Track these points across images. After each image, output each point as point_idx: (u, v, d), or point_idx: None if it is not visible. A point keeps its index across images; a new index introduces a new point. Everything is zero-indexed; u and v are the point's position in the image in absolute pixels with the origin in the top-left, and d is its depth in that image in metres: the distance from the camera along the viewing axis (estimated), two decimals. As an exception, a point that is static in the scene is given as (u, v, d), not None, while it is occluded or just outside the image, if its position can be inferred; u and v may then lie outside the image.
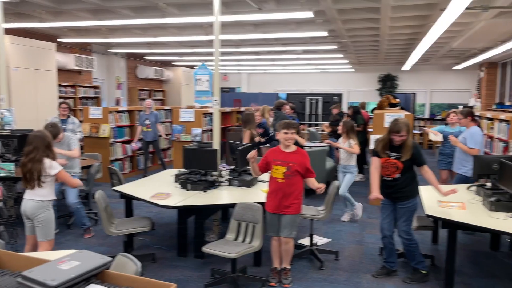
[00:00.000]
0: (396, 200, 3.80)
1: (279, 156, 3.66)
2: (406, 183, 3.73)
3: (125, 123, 8.71)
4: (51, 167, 3.43)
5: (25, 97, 8.14)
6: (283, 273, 3.80)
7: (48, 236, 3.52)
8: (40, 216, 3.47)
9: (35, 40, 8.66)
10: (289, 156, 3.65)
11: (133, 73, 13.76)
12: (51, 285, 1.52)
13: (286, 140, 3.66)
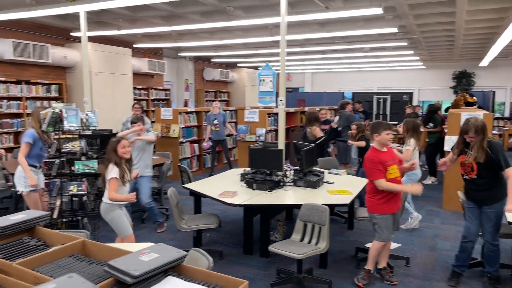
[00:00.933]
0: (481, 203, 3.59)
1: (385, 157, 3.63)
2: (487, 186, 3.50)
3: (193, 124, 9.07)
4: (110, 171, 3.60)
5: (104, 99, 8.79)
6: (387, 272, 3.83)
7: (122, 233, 3.72)
8: (107, 217, 3.70)
9: (114, 47, 9.33)
10: (391, 153, 3.71)
11: (200, 76, 14.27)
12: (134, 274, 1.63)
13: (388, 141, 3.65)
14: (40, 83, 8.29)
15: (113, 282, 1.68)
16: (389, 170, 3.58)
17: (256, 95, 6.43)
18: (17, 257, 2.01)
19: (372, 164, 3.58)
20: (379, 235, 3.68)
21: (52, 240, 2.27)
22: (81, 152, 4.07)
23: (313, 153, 5.00)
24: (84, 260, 2.00)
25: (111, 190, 3.56)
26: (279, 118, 5.04)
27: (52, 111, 3.89)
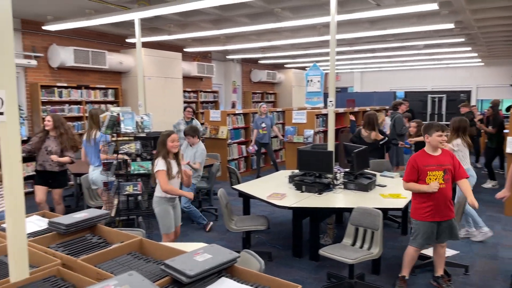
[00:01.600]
0: None
1: (430, 161, 3.45)
2: None
3: (240, 125, 9.16)
4: (157, 164, 3.74)
5: (156, 102, 9.11)
6: (444, 280, 3.65)
7: (163, 229, 3.81)
8: (155, 210, 3.82)
9: (165, 51, 9.66)
10: (441, 158, 3.47)
11: (247, 77, 14.40)
12: (189, 274, 1.66)
13: (440, 143, 3.47)
14: (98, 87, 8.77)
15: (169, 281, 1.73)
16: (430, 175, 3.40)
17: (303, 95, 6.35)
18: (80, 253, 2.13)
19: (409, 165, 3.49)
20: (413, 240, 3.54)
21: (111, 237, 2.38)
22: (136, 153, 4.24)
23: (365, 155, 4.87)
24: (142, 258, 2.08)
25: (162, 182, 3.66)
26: (329, 119, 4.95)
27: (111, 115, 4.09)
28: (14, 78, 1.69)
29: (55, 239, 2.31)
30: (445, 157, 3.50)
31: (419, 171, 3.43)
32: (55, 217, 2.61)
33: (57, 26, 7.16)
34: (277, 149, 10.13)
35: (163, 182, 3.65)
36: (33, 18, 7.50)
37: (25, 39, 7.64)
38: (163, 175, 3.65)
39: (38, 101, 7.64)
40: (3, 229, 2.46)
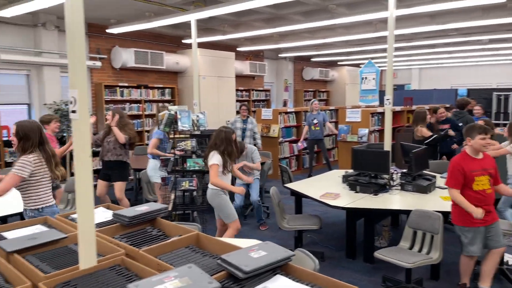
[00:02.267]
0: None
1: (475, 165, 3.26)
2: None
3: (292, 124, 9.13)
4: (211, 157, 3.84)
5: (210, 101, 9.32)
6: None
7: (228, 218, 3.94)
8: (214, 202, 3.93)
9: (219, 51, 9.86)
10: (484, 162, 3.28)
11: (299, 75, 14.31)
12: (245, 270, 1.69)
13: (484, 146, 3.26)
14: (156, 87, 9.14)
15: (226, 275, 1.76)
16: (477, 180, 3.19)
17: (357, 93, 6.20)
18: (142, 245, 2.24)
19: (454, 169, 3.25)
20: (464, 248, 3.31)
21: (170, 231, 2.47)
22: (192, 150, 4.37)
23: (424, 156, 4.66)
24: (199, 252, 2.14)
25: (212, 175, 3.78)
26: (386, 118, 4.79)
27: (169, 113, 4.25)
28: (85, 79, 1.81)
29: (119, 230, 2.44)
30: (488, 161, 3.31)
31: (465, 177, 3.23)
32: (119, 209, 2.77)
33: (119, 29, 7.56)
34: (330, 148, 9.97)
35: (213, 175, 3.78)
36: (98, 22, 7.97)
37: (91, 42, 8.14)
38: (216, 169, 3.79)
39: (102, 100, 8.12)
40: (72, 219, 2.65)
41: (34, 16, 7.12)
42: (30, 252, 2.08)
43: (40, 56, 7.24)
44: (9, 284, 1.79)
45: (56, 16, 7.29)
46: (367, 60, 6.89)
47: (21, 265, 1.87)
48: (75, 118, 1.77)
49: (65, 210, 4.59)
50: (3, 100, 6.77)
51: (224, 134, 3.88)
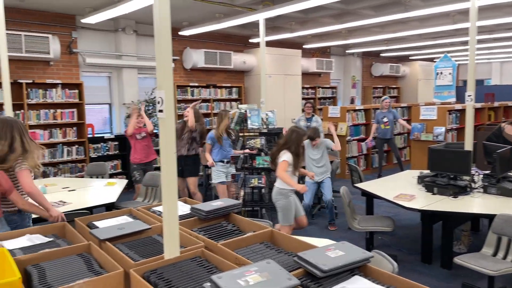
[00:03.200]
0: None
1: None
2: None
3: (360, 122, 8.88)
4: (283, 155, 3.82)
5: (276, 99, 9.38)
6: None
7: (284, 221, 3.91)
8: (278, 203, 3.92)
9: (285, 49, 9.88)
10: None
11: (368, 72, 13.86)
12: (323, 269, 1.68)
13: None
14: (223, 86, 9.40)
15: (303, 273, 1.77)
16: None
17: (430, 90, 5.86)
18: (218, 238, 2.32)
19: None
20: None
21: (244, 226, 2.54)
22: (261, 148, 4.44)
23: (509, 156, 4.29)
24: (273, 249, 2.17)
25: (280, 169, 3.78)
26: (467, 115, 4.48)
27: (239, 112, 4.35)
28: (171, 81, 1.92)
29: (196, 223, 2.56)
30: None
31: None
32: (195, 203, 2.90)
33: (191, 31, 7.88)
34: (401, 147, 9.55)
35: (282, 169, 3.79)
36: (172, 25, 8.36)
37: (164, 44, 8.57)
38: (286, 165, 3.80)
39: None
40: (154, 212, 2.82)
41: (115, 22, 7.66)
42: (119, 240, 2.25)
43: (120, 59, 7.78)
44: (102, 269, 1.95)
45: (134, 21, 7.78)
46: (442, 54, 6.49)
47: (113, 252, 2.03)
48: (162, 117, 1.88)
49: (143, 203, 4.90)
50: (88, 100, 7.39)
51: (296, 134, 3.88)
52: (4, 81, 4.16)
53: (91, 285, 1.72)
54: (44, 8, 6.78)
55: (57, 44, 6.75)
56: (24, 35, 6.33)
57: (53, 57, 6.70)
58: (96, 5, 6.48)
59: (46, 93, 6.81)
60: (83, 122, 7.15)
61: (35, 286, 1.76)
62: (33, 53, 6.45)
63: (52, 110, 6.89)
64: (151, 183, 5.02)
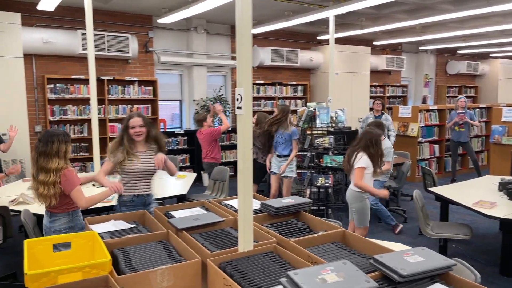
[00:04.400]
0: None
1: None
2: None
3: (434, 122, 8.41)
4: (359, 160, 3.70)
5: (343, 97, 9.18)
6: None
7: (361, 223, 3.82)
8: (355, 205, 3.82)
9: (354, 46, 9.63)
10: None
11: (442, 69, 13.06)
12: (402, 273, 1.63)
13: None
14: (289, 84, 9.40)
15: (379, 276, 1.73)
16: None
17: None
18: (289, 235, 2.33)
19: None
20: None
21: (314, 225, 2.53)
22: (328, 147, 4.38)
23: None
24: (346, 249, 2.14)
25: (357, 178, 3.69)
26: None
27: (308, 110, 4.33)
28: (250, 79, 1.96)
29: (266, 219, 2.60)
30: None
31: None
32: (264, 199, 2.94)
33: (259, 29, 7.96)
34: (478, 151, 8.90)
35: (358, 177, 3.68)
36: (240, 23, 8.51)
37: (233, 43, 8.76)
38: (362, 172, 3.70)
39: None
40: (225, 205, 2.90)
41: (188, 21, 7.98)
42: (195, 231, 2.35)
43: (191, 57, 8.09)
44: (180, 256, 2.05)
45: (205, 20, 8.04)
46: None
47: (190, 242, 2.13)
48: (241, 114, 1.94)
49: (211, 197, 5.07)
50: (161, 96, 7.79)
51: (372, 135, 3.76)
52: (91, 78, 4.52)
53: (172, 271, 1.82)
54: (125, 10, 7.25)
55: (135, 43, 7.19)
56: (107, 35, 6.82)
57: (132, 55, 7.15)
58: (171, 5, 6.79)
59: (124, 89, 7.29)
60: (156, 117, 7.55)
61: (122, 268, 1.90)
62: (114, 52, 6.93)
63: (129, 105, 7.36)
64: (219, 178, 5.18)
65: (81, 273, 1.72)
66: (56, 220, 2.89)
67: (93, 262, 1.77)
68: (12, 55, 5.75)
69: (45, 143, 2.79)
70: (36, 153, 2.81)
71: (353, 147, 3.82)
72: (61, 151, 2.82)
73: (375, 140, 3.72)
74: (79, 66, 7.03)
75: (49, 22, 6.69)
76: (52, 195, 2.78)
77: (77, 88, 6.84)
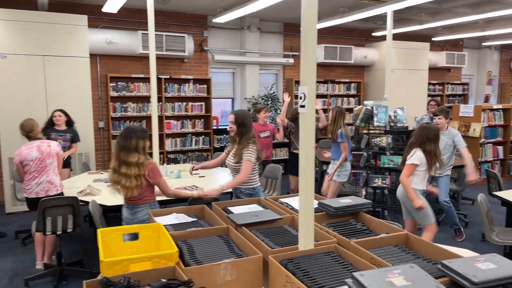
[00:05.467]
0: None
1: None
2: None
3: (498, 123, 7.90)
4: (412, 156, 3.58)
5: (398, 95, 8.87)
6: None
7: (425, 220, 3.67)
8: (409, 204, 3.68)
9: (411, 42, 9.27)
10: None
11: (507, 67, 12.23)
12: (473, 281, 1.56)
13: None
14: (342, 82, 9.23)
15: (448, 283, 1.66)
16: None
17: None
18: (349, 236, 2.30)
19: None
20: None
21: (374, 226, 2.48)
22: (387, 147, 4.26)
23: None
24: (409, 253, 2.08)
25: (404, 174, 3.58)
26: None
27: (365, 108, 4.23)
28: (314, 77, 1.96)
29: (324, 218, 2.58)
30: None
31: None
32: (321, 199, 2.92)
33: (312, 27, 7.87)
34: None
35: (405, 174, 3.60)
36: (293, 21, 8.49)
37: (285, 40, 8.76)
38: (411, 170, 3.60)
39: (292, 95, 8.67)
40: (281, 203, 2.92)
41: (241, 20, 8.08)
42: (254, 227, 2.39)
43: (244, 56, 8.19)
44: (241, 251, 2.10)
45: (259, 18, 8.10)
46: None
47: (250, 237, 2.17)
48: (304, 112, 1.94)
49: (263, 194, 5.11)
50: (215, 94, 7.96)
51: (428, 131, 3.63)
52: (152, 77, 4.72)
53: (235, 265, 1.87)
54: (182, 10, 7.48)
55: (191, 42, 7.40)
56: (165, 35, 7.08)
57: (187, 54, 7.37)
58: (226, 5, 6.92)
59: (180, 87, 7.53)
60: (209, 114, 7.74)
61: (187, 260, 1.98)
62: (172, 51, 7.18)
63: (184, 103, 7.60)
64: (271, 175, 5.21)
65: (151, 262, 1.81)
66: (139, 212, 3.09)
67: (162, 253, 1.86)
68: (79, 55, 6.13)
69: (125, 139, 2.99)
70: (117, 148, 3.02)
71: (409, 143, 3.71)
72: (140, 147, 3.01)
73: (432, 136, 3.57)
74: (139, 65, 7.36)
75: (112, 23, 7.06)
76: (134, 186, 2.98)
77: (137, 86, 7.17)
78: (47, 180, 3.85)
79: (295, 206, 2.81)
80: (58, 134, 5.17)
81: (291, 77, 8.88)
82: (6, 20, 5.65)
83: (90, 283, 1.64)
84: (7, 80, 5.72)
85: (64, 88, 6.07)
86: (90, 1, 6.71)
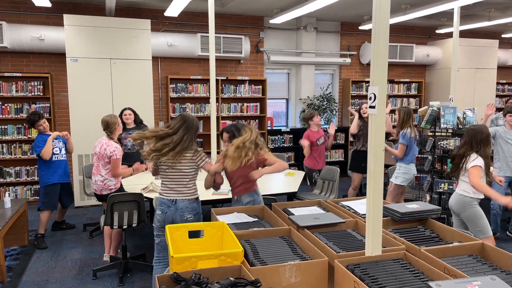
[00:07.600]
0: None
1: None
2: None
3: None
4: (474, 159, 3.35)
5: (463, 96, 8.37)
6: None
7: (482, 233, 3.39)
8: (464, 213, 3.43)
9: (478, 39, 8.71)
10: None
11: None
12: None
13: None
14: (401, 81, 8.88)
15: (535, 299, 1.53)
16: None
17: None
18: (417, 243, 2.19)
19: None
20: None
21: (445, 234, 2.35)
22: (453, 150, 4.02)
23: None
24: (486, 264, 1.95)
25: (474, 177, 3.32)
26: None
27: (432, 109, 4.03)
28: (385, 77, 1.89)
29: (389, 224, 2.49)
30: None
31: None
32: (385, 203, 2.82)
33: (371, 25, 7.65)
34: None
35: (476, 176, 3.32)
36: (351, 20, 8.30)
37: (342, 40, 8.58)
38: (478, 171, 3.34)
39: (348, 95, 8.48)
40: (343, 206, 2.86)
41: (298, 20, 8.03)
42: (316, 229, 2.36)
43: (299, 56, 8.14)
44: (305, 254, 2.07)
45: (315, 18, 8.01)
46: None
47: (313, 240, 2.14)
48: (373, 113, 1.88)
49: (320, 196, 5.04)
50: (270, 95, 7.98)
51: (476, 133, 3.37)
52: (211, 78, 4.82)
53: (300, 268, 1.85)
54: (239, 12, 7.58)
55: (247, 44, 7.48)
56: (223, 37, 7.21)
57: (244, 56, 7.45)
58: (283, 6, 6.91)
59: (236, 88, 7.64)
60: (264, 115, 7.77)
61: (251, 259, 1.99)
62: (229, 53, 7.30)
63: (240, 104, 7.70)
64: (328, 177, 5.12)
65: (217, 260, 1.84)
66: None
67: (228, 251, 1.88)
68: (142, 57, 6.42)
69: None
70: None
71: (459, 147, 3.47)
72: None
73: (480, 139, 3.32)
74: (197, 67, 7.57)
75: (172, 27, 7.32)
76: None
77: (195, 87, 7.37)
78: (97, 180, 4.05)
79: (357, 209, 2.74)
80: (127, 133, 5.06)
81: (347, 77, 8.69)
82: (78, 26, 6.04)
83: (161, 277, 1.70)
84: (78, 81, 6.12)
85: (128, 89, 6.38)
86: (153, 6, 7.00)
